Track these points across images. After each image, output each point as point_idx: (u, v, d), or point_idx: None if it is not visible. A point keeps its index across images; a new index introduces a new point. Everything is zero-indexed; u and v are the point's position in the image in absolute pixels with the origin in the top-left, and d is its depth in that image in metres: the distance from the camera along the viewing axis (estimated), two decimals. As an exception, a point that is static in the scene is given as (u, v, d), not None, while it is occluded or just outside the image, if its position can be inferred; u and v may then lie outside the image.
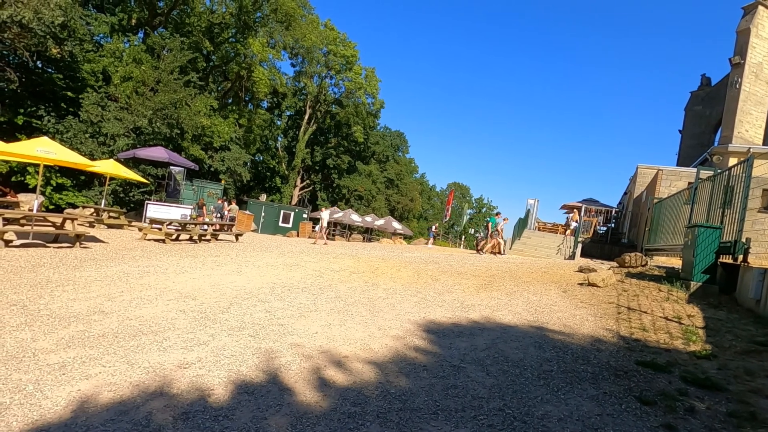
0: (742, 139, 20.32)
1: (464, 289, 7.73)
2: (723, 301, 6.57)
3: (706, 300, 6.64)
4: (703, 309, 6.11)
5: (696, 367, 4.07)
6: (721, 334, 5.03)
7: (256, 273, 8.29)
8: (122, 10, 23.83)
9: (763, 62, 20.92)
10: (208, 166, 28.15)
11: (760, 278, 5.97)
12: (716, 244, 7.30)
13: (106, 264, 8.06)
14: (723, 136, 21.55)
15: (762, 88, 21.01)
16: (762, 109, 21.08)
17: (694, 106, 31.59)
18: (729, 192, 7.89)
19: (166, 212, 16.41)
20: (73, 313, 4.93)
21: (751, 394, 3.43)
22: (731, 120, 20.82)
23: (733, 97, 21.01)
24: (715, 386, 3.58)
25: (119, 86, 21.23)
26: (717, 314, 5.87)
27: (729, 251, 7.17)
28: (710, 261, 7.26)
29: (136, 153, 17.55)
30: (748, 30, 20.65)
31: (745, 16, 21.23)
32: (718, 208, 8.24)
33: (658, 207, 13.23)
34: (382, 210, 44.38)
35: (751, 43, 20.55)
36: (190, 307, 5.51)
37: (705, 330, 5.20)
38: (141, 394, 3.16)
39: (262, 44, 29.88)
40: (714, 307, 6.27)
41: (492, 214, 20.03)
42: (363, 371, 3.81)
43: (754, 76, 20.77)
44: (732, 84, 21.26)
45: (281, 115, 44.59)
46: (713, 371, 3.95)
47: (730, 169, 8.14)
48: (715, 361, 4.20)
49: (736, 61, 20.92)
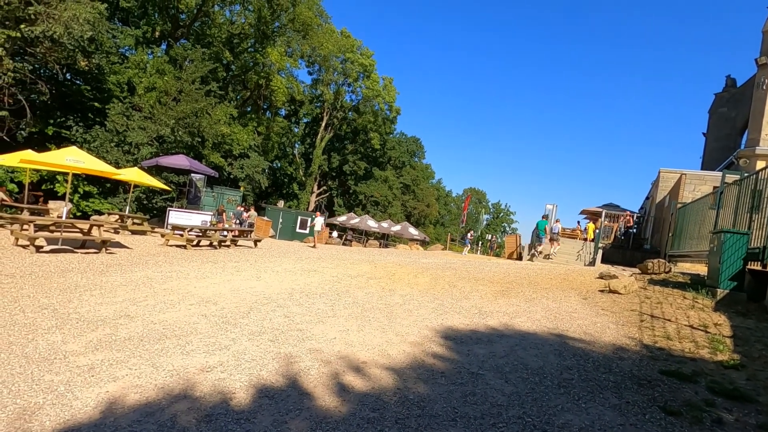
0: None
1: (482, 295, 7.67)
2: (751, 310, 6.36)
3: (733, 308, 6.43)
4: (731, 317, 5.93)
5: (723, 377, 3.96)
6: (750, 343, 4.87)
7: (275, 278, 8.41)
8: (146, 23, 24.65)
9: (791, 62, 20.27)
10: (227, 173, 28.69)
11: (791, 286, 5.76)
12: (743, 250, 7.08)
13: (131, 269, 8.29)
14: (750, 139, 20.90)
15: (791, 89, 20.33)
16: (791, 110, 20.37)
17: (719, 108, 30.75)
18: (757, 196, 7.65)
19: (188, 219, 16.77)
20: (101, 317, 5.10)
21: (783, 406, 3.31)
22: (758, 122, 20.20)
23: (759, 98, 20.39)
24: (743, 397, 3.48)
25: (143, 96, 21.90)
26: (745, 323, 5.69)
27: (757, 258, 6.94)
28: (737, 268, 7.04)
29: (159, 161, 18.02)
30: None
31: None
32: (745, 213, 8.00)
33: (681, 212, 12.89)
34: (398, 216, 44.39)
35: (779, 43, 19.95)
36: (212, 312, 5.63)
37: (733, 339, 5.04)
38: (166, 397, 3.25)
39: (280, 53, 30.43)
40: (742, 315, 6.07)
41: (541, 218, 20.59)
42: (381, 377, 3.83)
43: (782, 76, 20.12)
44: (759, 85, 20.65)
45: (298, 122, 45.19)
46: (742, 382, 3.83)
47: (758, 172, 7.90)
48: (744, 372, 4.07)
49: (762, 61, 20.31)
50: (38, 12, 14.60)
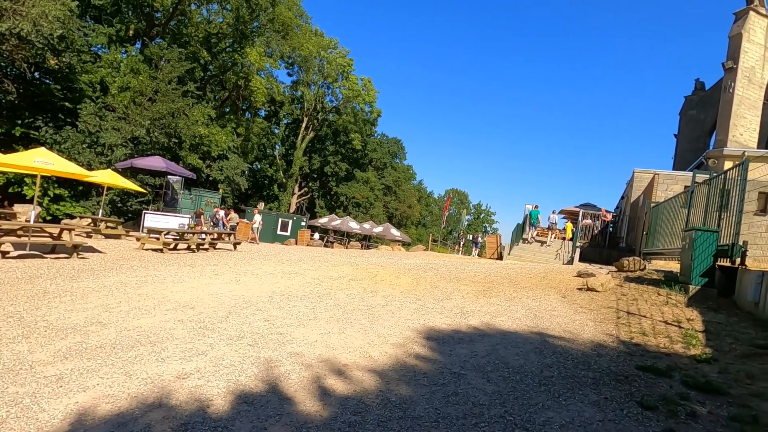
0: (737, 142, 20.47)
1: (463, 295, 7.71)
2: (722, 305, 6.57)
3: (705, 303, 6.64)
4: (703, 312, 6.11)
5: (697, 371, 4.07)
6: (721, 337, 5.03)
7: (255, 282, 8.27)
8: (120, 21, 23.97)
9: (755, 66, 21.15)
10: (206, 175, 28.16)
11: (758, 281, 5.98)
12: (714, 248, 7.33)
13: (104, 274, 8.02)
14: (718, 140, 21.70)
15: (755, 92, 21.21)
16: (755, 112, 21.26)
17: (689, 110, 31.84)
18: (725, 195, 7.93)
19: (164, 222, 16.39)
20: (71, 325, 4.90)
21: (753, 398, 3.42)
22: (726, 124, 20.99)
23: (726, 101, 21.19)
24: (716, 390, 3.57)
25: (117, 96, 21.29)
26: (716, 318, 5.87)
27: (726, 254, 7.19)
28: (708, 264, 7.28)
29: (134, 163, 17.55)
30: (740, 35, 20.90)
31: (737, 22, 21.50)
32: (714, 212, 8.28)
33: (655, 211, 13.28)
34: (380, 217, 44.36)
35: (743, 48, 20.79)
36: (189, 317, 5.48)
37: (705, 334, 5.20)
38: (139, 406, 3.14)
39: (260, 53, 30.05)
40: (713, 310, 6.27)
41: (533, 208, 21.29)
42: (363, 379, 3.79)
43: (747, 80, 20.97)
44: (726, 88, 21.46)
45: (279, 123, 44.71)
46: (714, 375, 3.94)
47: (726, 172, 8.19)
48: (716, 365, 4.19)
49: (729, 65, 21.13)
50: (4, 8, 14.04)
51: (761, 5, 21.33)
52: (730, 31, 21.50)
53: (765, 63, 21.41)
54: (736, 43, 21.08)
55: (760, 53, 21.23)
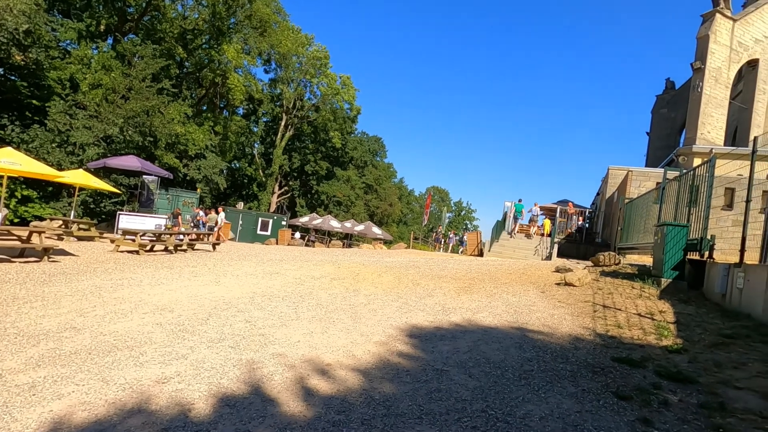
0: (705, 140, 21.26)
1: (445, 292, 7.80)
2: (692, 297, 6.84)
3: (676, 296, 6.90)
4: (674, 304, 6.35)
5: (668, 361, 4.23)
6: (691, 328, 5.24)
7: (235, 282, 8.16)
8: (90, 16, 23.15)
9: (721, 67, 21.98)
10: (183, 174, 27.54)
11: (725, 273, 6.24)
12: (684, 242, 7.61)
13: (77, 278, 7.78)
14: (687, 138, 22.49)
15: (722, 92, 22.06)
16: (722, 111, 22.12)
17: (660, 109, 32.89)
18: (694, 191, 8.24)
19: (140, 223, 15.99)
20: (43, 331, 4.74)
21: (720, 385, 3.58)
22: (694, 122, 21.77)
23: (695, 100, 21.98)
24: (686, 379, 3.73)
25: (88, 94, 20.58)
26: (687, 309, 6.11)
27: (696, 248, 7.48)
28: (679, 258, 7.56)
29: (107, 162, 17.05)
30: (707, 36, 21.68)
31: (704, 23, 22.29)
32: (684, 207, 8.60)
33: (629, 207, 13.68)
34: (361, 215, 44.31)
35: (710, 49, 21.58)
36: (167, 320, 5.37)
37: (676, 325, 5.40)
38: (117, 412, 3.07)
39: (237, 50, 29.54)
40: (684, 302, 6.52)
41: (517, 202, 21.88)
42: (347, 378, 3.79)
43: (714, 80, 21.79)
44: (694, 88, 22.25)
45: (258, 121, 44.09)
46: (684, 365, 4.11)
47: (695, 169, 8.51)
48: (686, 355, 4.37)
49: (697, 66, 21.90)
50: (-35, 1, 13.41)
51: (727, 8, 22.17)
52: (698, 32, 22.29)
53: (730, 63, 22.28)
54: (703, 44, 21.87)
55: (725, 54, 22.09)
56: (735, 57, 22.40)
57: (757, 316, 5.32)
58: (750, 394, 3.39)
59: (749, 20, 22.79)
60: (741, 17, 22.69)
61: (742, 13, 23.22)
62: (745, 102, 24.01)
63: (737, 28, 22.32)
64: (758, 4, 23.23)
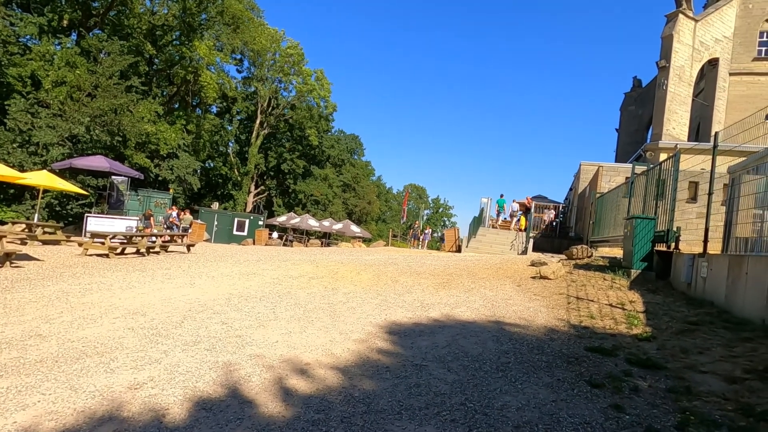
0: (671, 136, 22.10)
1: (424, 288, 7.85)
2: (660, 286, 7.11)
3: (645, 286, 7.15)
4: (643, 294, 6.58)
5: (638, 349, 4.38)
6: (659, 316, 5.44)
7: (211, 284, 7.99)
8: (52, 10, 22.11)
9: (685, 65, 22.87)
10: (155, 174, 26.75)
11: (690, 263, 6.51)
12: (652, 234, 7.89)
13: (42, 283, 7.46)
14: (654, 134, 23.34)
15: (685, 90, 22.96)
16: (686, 108, 23.04)
17: (628, 106, 33.98)
18: (661, 185, 8.56)
19: (110, 225, 15.47)
20: (5, 339, 4.52)
21: (687, 370, 3.73)
22: (660, 119, 22.60)
23: (660, 97, 22.81)
24: (655, 365, 3.87)
25: (51, 91, 19.71)
26: (655, 299, 6.35)
27: (663, 239, 7.77)
28: (647, 249, 7.84)
29: (73, 163, 16.41)
30: (671, 36, 22.51)
31: (668, 23, 23.14)
32: (652, 200, 8.92)
33: (600, 201, 14.09)
34: (339, 214, 44.11)
35: (674, 48, 22.42)
36: (140, 324, 5.22)
37: (645, 314, 5.60)
38: (87, 421, 2.96)
39: (209, 47, 28.81)
40: (652, 292, 6.77)
41: (499, 197, 22.81)
42: (326, 377, 3.77)
43: (678, 78, 22.66)
44: (659, 85, 23.08)
45: (232, 120, 43.20)
46: (653, 352, 4.26)
47: (661, 164, 8.84)
48: (655, 342, 4.54)
49: (662, 64, 22.73)
50: None
51: (689, 8, 23.08)
52: (663, 32, 23.12)
53: (693, 62, 23.22)
54: (668, 44, 22.70)
55: (688, 53, 22.99)
56: (697, 56, 23.35)
57: (719, 304, 5.58)
58: (714, 378, 3.55)
59: (709, 21, 23.80)
60: (702, 18, 23.67)
61: (703, 14, 24.23)
62: (707, 99, 25.09)
63: (699, 28, 23.26)
64: (717, 6, 24.28)
